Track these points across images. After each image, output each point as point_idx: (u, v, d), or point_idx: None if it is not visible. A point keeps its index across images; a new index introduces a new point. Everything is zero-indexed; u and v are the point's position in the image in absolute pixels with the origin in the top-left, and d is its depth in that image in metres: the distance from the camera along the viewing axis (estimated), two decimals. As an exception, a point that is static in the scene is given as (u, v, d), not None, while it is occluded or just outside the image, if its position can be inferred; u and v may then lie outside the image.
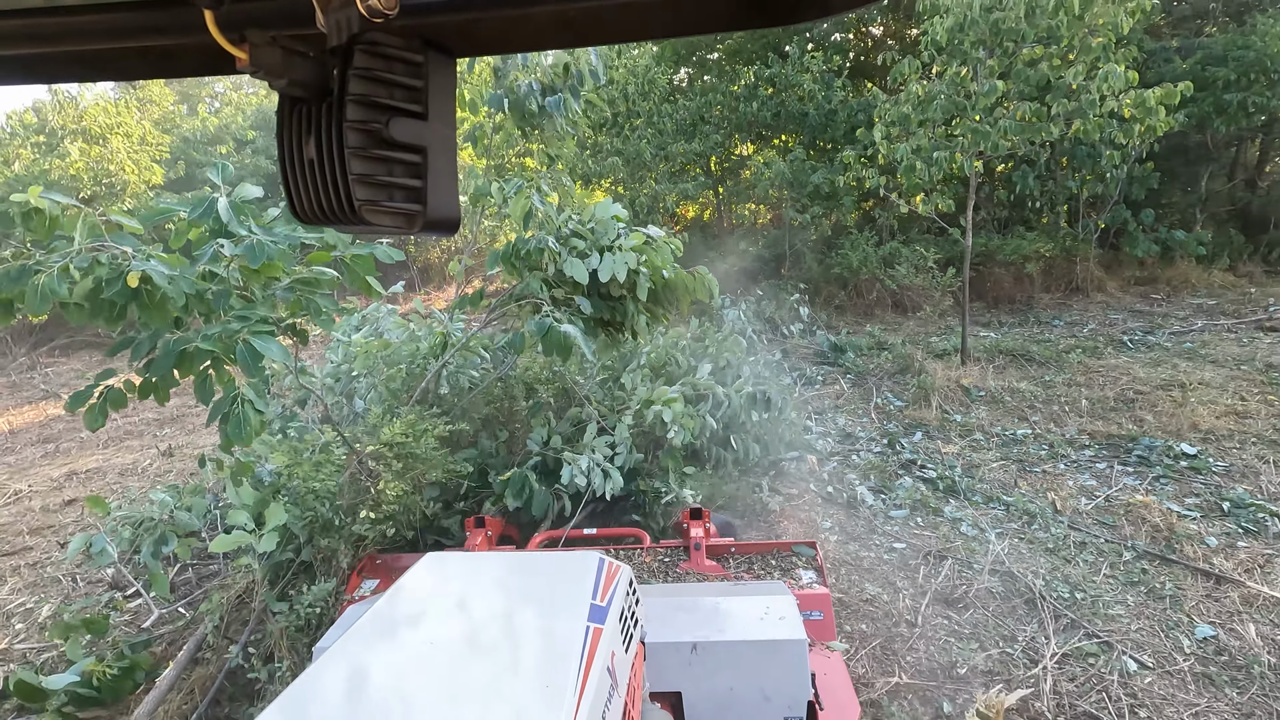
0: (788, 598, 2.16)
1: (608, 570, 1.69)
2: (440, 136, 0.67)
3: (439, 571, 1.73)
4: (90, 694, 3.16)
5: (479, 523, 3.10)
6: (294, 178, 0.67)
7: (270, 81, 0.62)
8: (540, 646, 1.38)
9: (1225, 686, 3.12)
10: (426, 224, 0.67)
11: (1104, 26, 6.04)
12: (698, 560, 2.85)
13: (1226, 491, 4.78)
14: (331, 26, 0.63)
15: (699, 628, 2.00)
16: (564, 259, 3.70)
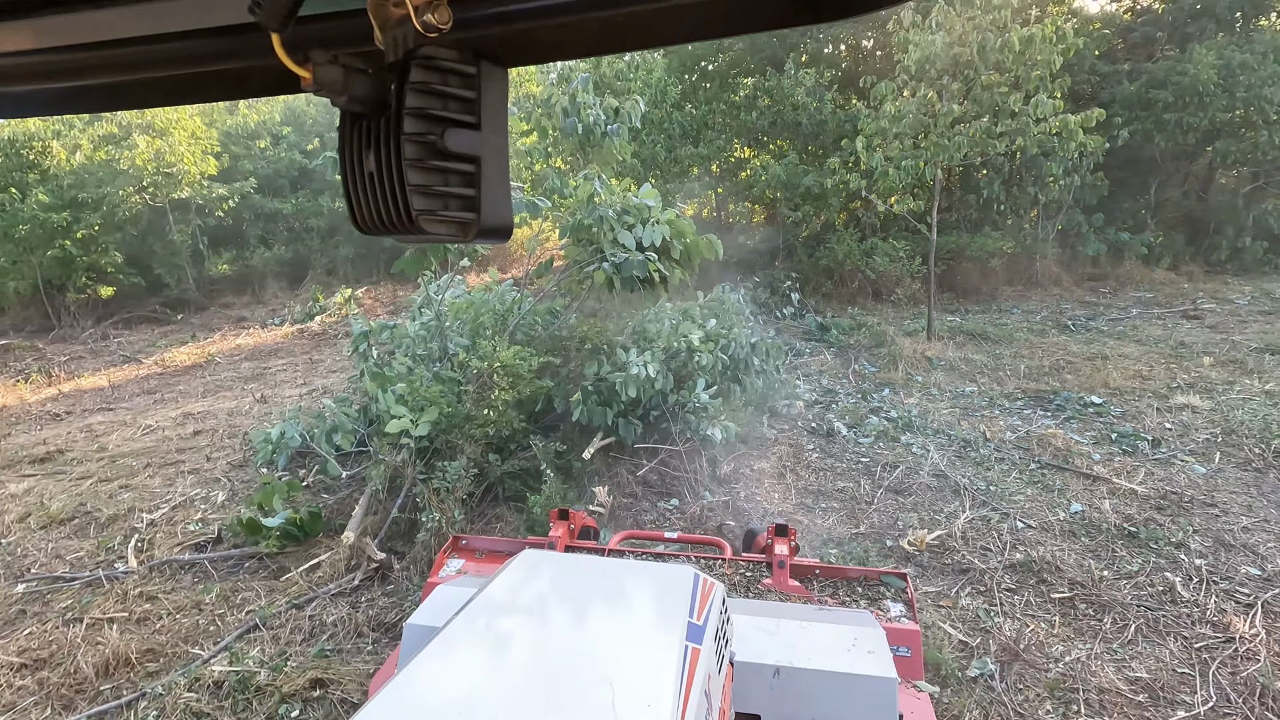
0: (877, 630, 2.04)
1: (703, 587, 1.64)
2: (493, 146, 0.69)
3: (535, 571, 1.71)
4: (291, 532, 4.51)
5: (562, 514, 3.03)
6: (355, 190, 0.68)
7: (332, 99, 0.64)
8: (639, 664, 1.34)
9: (1081, 536, 4.54)
10: (480, 232, 0.69)
11: (1041, 62, 7.48)
12: (781, 579, 2.69)
13: (1117, 427, 6.22)
14: (389, 43, 0.65)
15: (783, 651, 1.90)
16: (617, 229, 5.09)
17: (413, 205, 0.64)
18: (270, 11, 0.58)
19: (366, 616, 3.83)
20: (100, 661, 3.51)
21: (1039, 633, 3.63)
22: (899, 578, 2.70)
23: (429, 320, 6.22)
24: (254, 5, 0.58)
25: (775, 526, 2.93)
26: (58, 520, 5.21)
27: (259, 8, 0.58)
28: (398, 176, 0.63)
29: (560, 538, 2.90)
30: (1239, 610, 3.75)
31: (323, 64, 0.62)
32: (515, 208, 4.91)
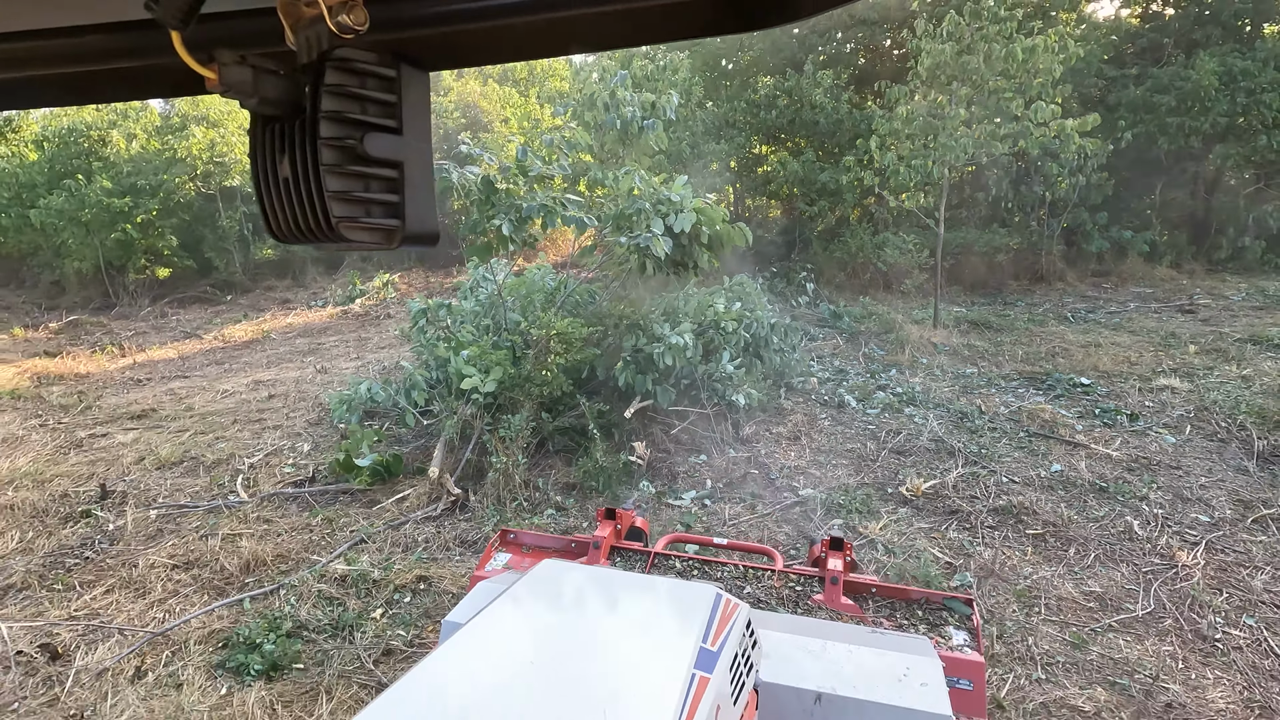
0: (933, 660, 1.90)
1: (724, 609, 1.59)
2: (416, 150, 0.67)
3: (552, 584, 1.70)
4: (379, 471, 5.29)
5: (609, 514, 2.94)
6: (269, 197, 0.66)
7: (241, 100, 0.62)
8: (640, 690, 1.31)
9: (1058, 490, 5.24)
10: (405, 238, 0.67)
11: (1043, 70, 8.12)
12: (833, 596, 2.53)
13: (1102, 404, 6.90)
14: (301, 44, 0.63)
15: (826, 676, 1.80)
16: (652, 218, 5.82)
17: (332, 212, 0.62)
18: (169, 8, 0.56)
19: (451, 535, 4.61)
20: (240, 563, 4.31)
21: (1012, 558, 4.34)
22: (965, 603, 2.48)
23: (486, 297, 6.98)
24: (151, 1, 0.56)
25: (830, 539, 2.76)
26: (169, 463, 6.03)
27: (156, 4, 0.56)
28: (315, 182, 0.62)
29: (606, 538, 2.79)
30: (1184, 546, 4.45)
31: (229, 64, 0.60)
32: (567, 219, 5.65)
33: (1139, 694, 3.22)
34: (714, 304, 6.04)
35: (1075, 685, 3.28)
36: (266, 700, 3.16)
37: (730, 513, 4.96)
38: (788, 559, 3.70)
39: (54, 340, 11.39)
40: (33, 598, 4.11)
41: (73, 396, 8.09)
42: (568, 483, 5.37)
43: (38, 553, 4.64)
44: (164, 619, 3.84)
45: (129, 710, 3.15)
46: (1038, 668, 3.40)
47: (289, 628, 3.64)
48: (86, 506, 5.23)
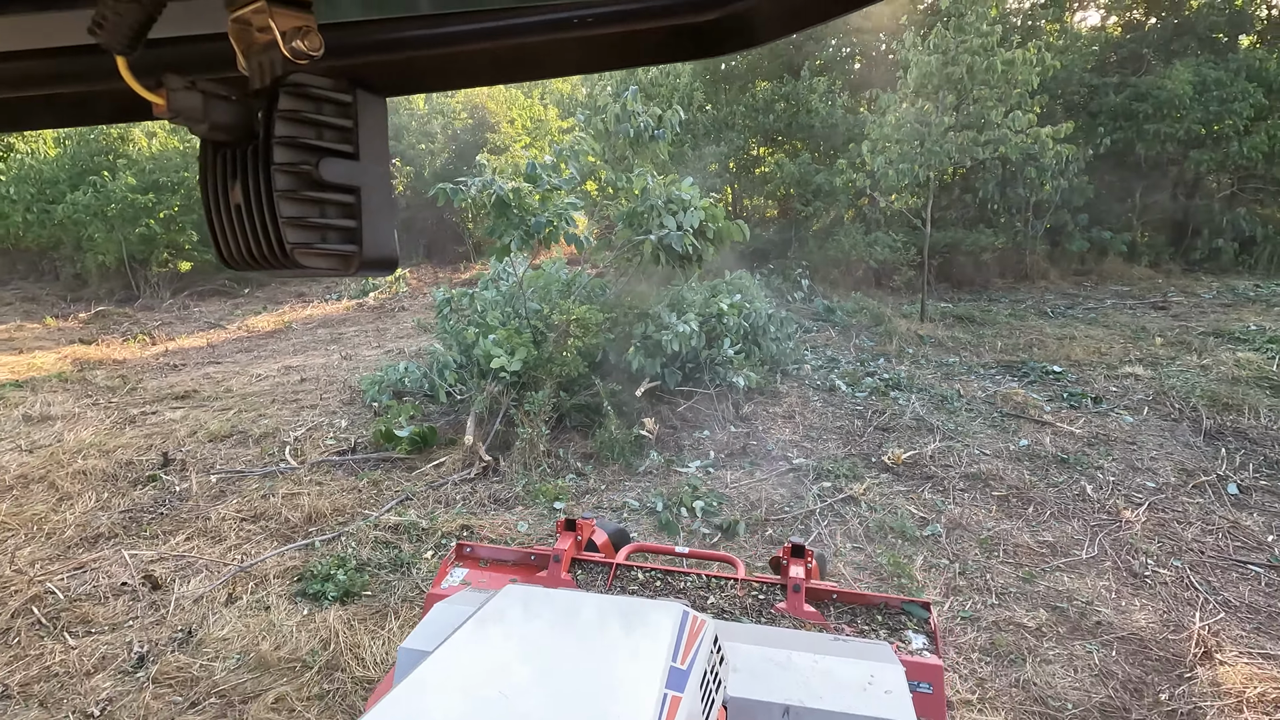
0: (895, 667, 1.96)
1: (691, 626, 1.62)
2: (374, 175, 0.66)
3: (516, 609, 1.70)
4: (416, 441, 5.89)
5: (569, 525, 2.93)
6: (220, 224, 0.65)
7: (190, 127, 0.61)
8: (612, 715, 1.30)
9: (1024, 460, 5.86)
10: (363, 264, 0.67)
11: (1021, 80, 8.76)
12: (795, 604, 2.57)
13: (1070, 389, 7.53)
14: (254, 69, 0.62)
15: (793, 689, 1.83)
16: (663, 215, 6.43)
17: (287, 238, 0.61)
18: (113, 34, 0.54)
19: (486, 494, 5.21)
20: (302, 516, 4.91)
21: (978, 515, 4.97)
22: (922, 607, 2.57)
23: (506, 288, 7.58)
24: (94, 26, 0.54)
25: (791, 546, 2.77)
26: (219, 436, 6.62)
27: (100, 29, 0.54)
28: (268, 209, 0.61)
29: (567, 550, 2.77)
30: (1129, 505, 5.08)
31: (178, 90, 0.59)
32: (569, 237, 6.24)
33: (1074, 615, 3.85)
34: (717, 298, 6.65)
35: (1022, 609, 3.91)
36: (343, 618, 3.77)
37: (731, 478, 5.58)
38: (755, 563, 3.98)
39: (85, 329, 11.95)
40: (122, 543, 4.70)
41: (116, 379, 8.66)
42: (585, 452, 5.97)
43: (115, 510, 5.23)
44: (243, 559, 4.44)
45: (228, 626, 3.75)
46: (992, 596, 4.03)
47: (354, 564, 4.24)
48: (152, 472, 5.81)
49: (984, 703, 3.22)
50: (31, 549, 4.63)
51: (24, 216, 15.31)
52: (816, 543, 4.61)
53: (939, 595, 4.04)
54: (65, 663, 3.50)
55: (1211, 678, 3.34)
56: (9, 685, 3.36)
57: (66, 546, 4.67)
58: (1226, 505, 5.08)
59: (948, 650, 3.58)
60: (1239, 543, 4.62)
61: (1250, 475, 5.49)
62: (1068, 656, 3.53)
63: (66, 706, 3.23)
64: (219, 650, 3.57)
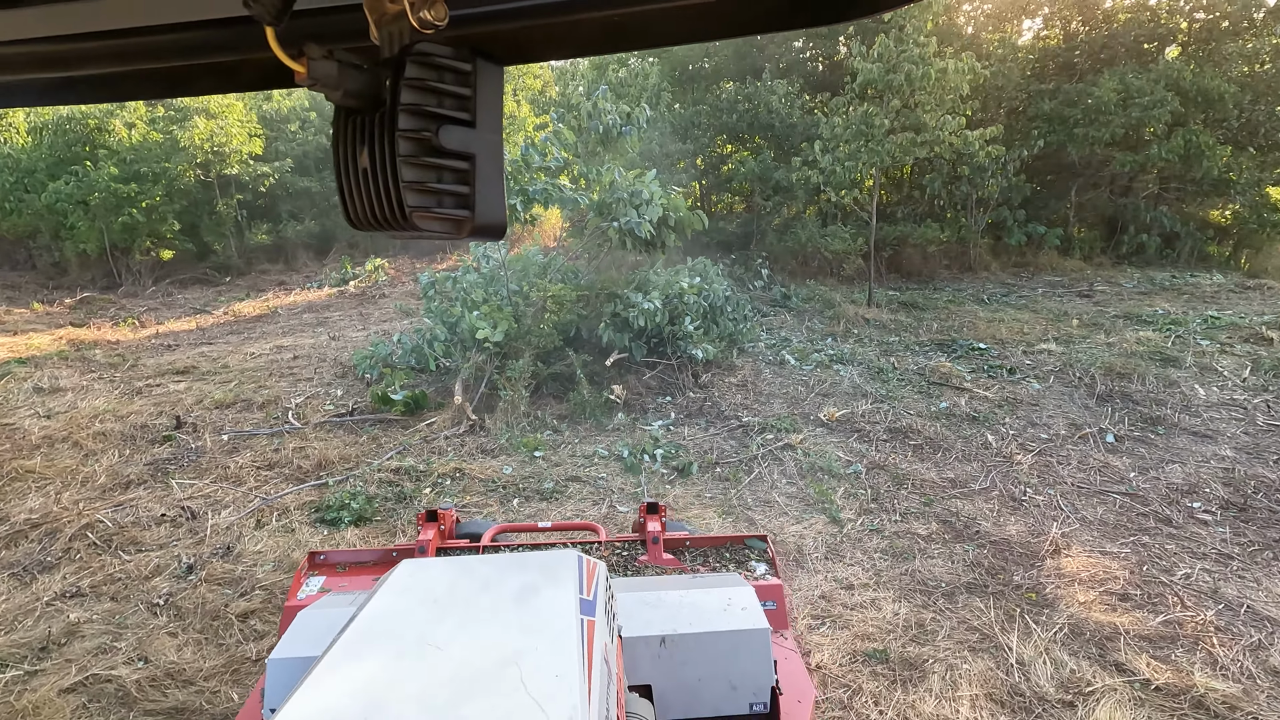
0: (747, 589, 2.21)
1: (587, 566, 1.73)
2: (488, 144, 0.68)
3: (420, 576, 1.70)
4: (409, 404, 6.61)
5: (431, 516, 2.99)
6: (349, 186, 0.68)
7: (327, 94, 0.64)
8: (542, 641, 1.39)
9: (941, 419, 6.79)
10: (475, 229, 0.69)
11: (953, 87, 9.73)
12: (655, 554, 2.84)
13: (991, 362, 8.52)
14: (384, 39, 0.65)
15: (666, 621, 2.05)
16: (626, 208, 7.23)
17: (406, 202, 0.64)
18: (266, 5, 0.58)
19: (474, 446, 5.97)
20: (311, 463, 5.61)
21: (895, 458, 5.87)
22: (760, 539, 2.97)
23: (488, 270, 8.30)
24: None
25: (646, 505, 3.02)
26: (224, 404, 7.24)
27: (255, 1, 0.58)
28: (392, 173, 0.63)
29: (431, 541, 2.85)
30: (1022, 451, 6.03)
31: (317, 59, 0.62)
32: (564, 201, 7.01)
33: (960, 527, 4.75)
34: (679, 279, 7.47)
35: (919, 524, 4.80)
36: (360, 535, 4.50)
37: (688, 433, 6.40)
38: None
39: (73, 314, 12.33)
40: (152, 487, 5.36)
41: (115, 357, 9.17)
42: (561, 414, 6.75)
43: (139, 463, 5.86)
44: (266, 495, 5.13)
45: (261, 543, 4.46)
46: (896, 515, 4.92)
47: (365, 498, 4.96)
48: (167, 433, 6.44)
49: (879, 585, 4.09)
50: (71, 492, 5.25)
51: (1, 205, 15.51)
52: (757, 480, 5.46)
53: (853, 515, 4.92)
54: (125, 570, 4.18)
55: (1056, 567, 4.26)
56: (80, 587, 4.03)
57: (103, 490, 5.31)
58: (1102, 451, 6.05)
59: (857, 555, 4.45)
60: (1105, 479, 5.58)
61: (1127, 428, 6.48)
62: (948, 554, 4.42)
63: (134, 600, 3.92)
64: (256, 559, 4.28)
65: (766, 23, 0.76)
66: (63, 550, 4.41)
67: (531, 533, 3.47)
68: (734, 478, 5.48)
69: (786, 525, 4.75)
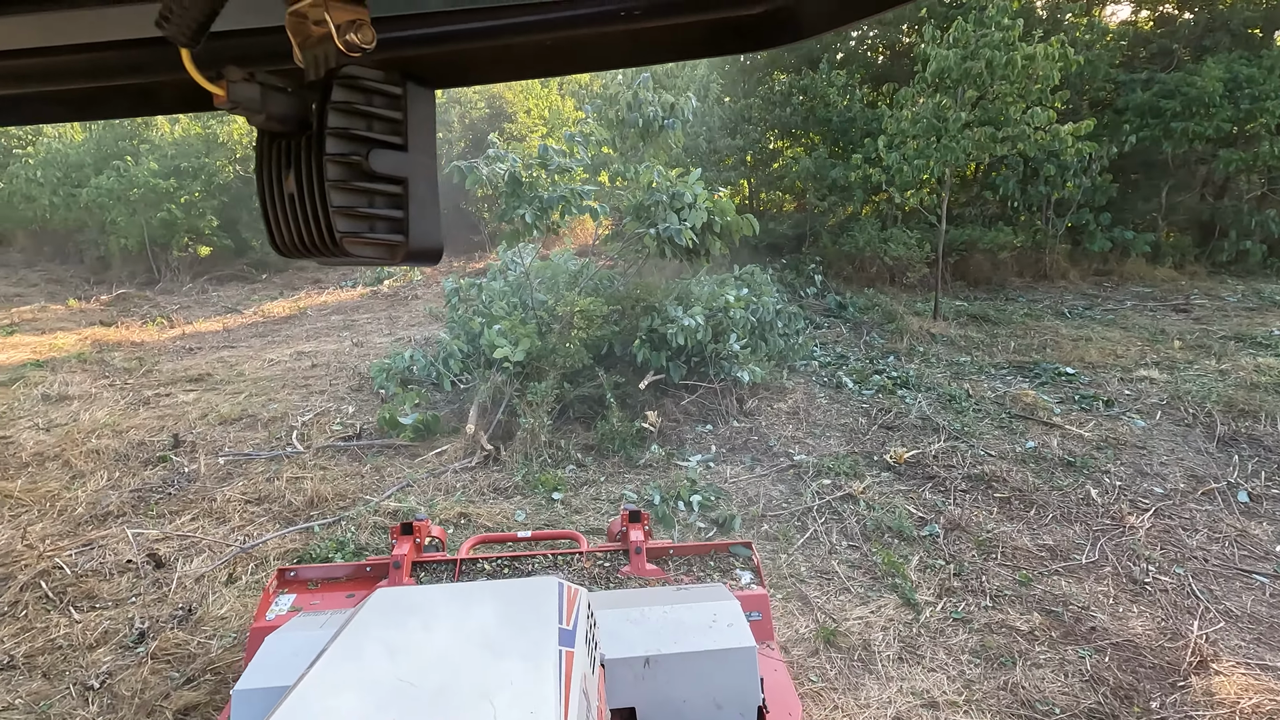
0: (732, 603, 2.17)
1: (568, 594, 1.68)
2: (421, 167, 0.68)
3: (394, 608, 1.68)
4: (419, 428, 5.95)
5: (406, 529, 2.88)
6: (274, 212, 0.67)
7: (249, 118, 0.63)
8: (518, 674, 1.36)
9: (1029, 463, 5.79)
10: (409, 254, 0.68)
11: (1041, 76, 8.59)
12: (638, 565, 2.75)
13: (1082, 391, 7.42)
14: (309, 61, 0.64)
15: (650, 640, 1.98)
16: (666, 212, 6.41)
17: (336, 227, 0.63)
18: (180, 26, 0.57)
19: (486, 483, 5.26)
20: (304, 500, 4.99)
21: (978, 516, 4.92)
22: (745, 546, 2.89)
23: (514, 278, 7.61)
24: (162, 19, 0.57)
25: (629, 513, 2.93)
26: (229, 419, 6.73)
27: (167, 22, 0.57)
28: (320, 198, 0.62)
29: (406, 555, 2.74)
30: (1135, 510, 5.01)
31: (238, 81, 0.61)
32: (582, 209, 6.25)
33: (1069, 620, 3.81)
34: (724, 291, 6.63)
35: (1016, 611, 3.88)
36: (339, 601, 3.82)
37: (730, 473, 5.57)
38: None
39: (105, 311, 12.19)
40: (129, 522, 4.82)
41: (133, 361, 8.83)
42: (586, 444, 6.00)
43: (126, 489, 5.35)
44: (245, 540, 4.52)
45: (227, 605, 3.83)
46: (986, 598, 4.00)
47: (352, 549, 4.30)
48: (163, 453, 5.93)
49: (970, 704, 3.21)
50: (43, 525, 4.75)
51: (50, 199, 15.62)
52: (812, 540, 4.61)
53: (932, 596, 4.01)
54: (69, 635, 3.60)
55: (1205, 687, 3.29)
56: (14, 656, 3.46)
57: (77, 523, 4.79)
58: (1235, 513, 4.98)
59: (939, 656, 3.56)
60: (1245, 551, 4.53)
61: (1262, 483, 5.38)
62: (1059, 661, 3.49)
63: (68, 678, 3.32)
64: (216, 628, 3.65)
65: (699, 49, 0.76)
66: (9, 603, 3.87)
67: (511, 543, 3.29)
68: (784, 536, 4.63)
69: (849, 607, 3.89)
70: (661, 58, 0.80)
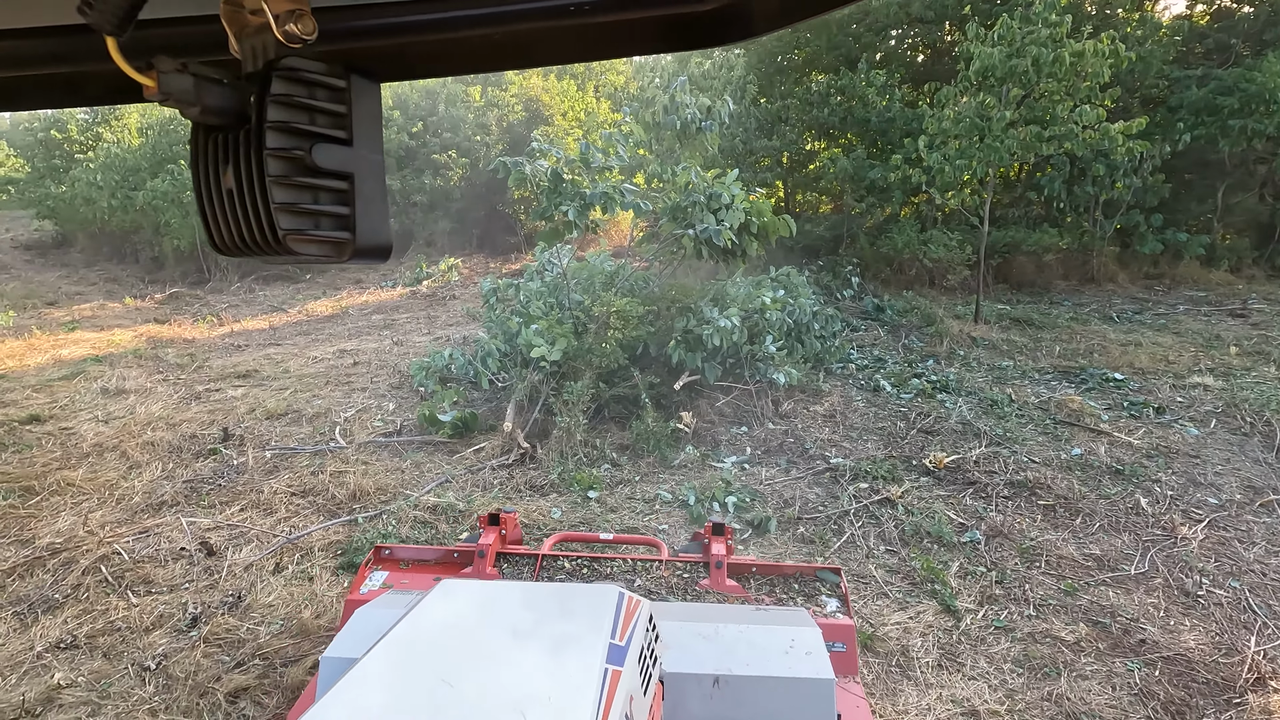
0: (813, 630, 2.07)
1: (627, 606, 1.64)
2: (368, 162, 0.66)
3: (453, 602, 1.69)
4: (458, 426, 6.06)
5: (493, 519, 2.93)
6: (212, 209, 0.64)
7: (181, 110, 0.60)
8: (558, 689, 1.34)
9: (1075, 470, 5.64)
10: (356, 251, 0.66)
11: (1091, 74, 8.36)
12: (718, 579, 2.68)
13: (1131, 398, 7.19)
14: (246, 53, 0.62)
15: (721, 659, 1.91)
16: (703, 213, 6.41)
17: (279, 224, 0.61)
18: (104, 13, 0.54)
19: (522, 480, 5.33)
20: (347, 493, 5.12)
21: (1021, 523, 4.81)
22: (833, 573, 2.75)
23: (551, 279, 7.68)
24: (84, 5, 0.53)
25: (712, 525, 2.86)
26: (275, 414, 6.94)
27: (90, 8, 0.54)
28: (260, 194, 0.60)
29: (492, 545, 2.79)
30: (1188, 521, 4.84)
31: (169, 72, 0.58)
32: (625, 205, 6.27)
33: (1117, 631, 3.70)
34: (760, 293, 6.60)
35: (1061, 621, 3.78)
36: (381, 592, 3.92)
37: (766, 475, 5.54)
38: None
39: (159, 309, 12.67)
40: (183, 511, 5.00)
41: (185, 357, 9.16)
42: (621, 444, 6.03)
43: (179, 479, 5.55)
44: (291, 531, 4.66)
45: (274, 593, 3.95)
46: (1030, 607, 3.90)
47: (395, 542, 4.39)
48: (214, 446, 6.14)
49: (1013, 714, 3.14)
50: (103, 512, 4.96)
51: (109, 202, 16.30)
52: (849, 544, 4.56)
53: (973, 603, 3.94)
54: (128, 618, 3.76)
55: (1263, 705, 3.17)
56: (77, 636, 3.63)
57: (134, 511, 4.99)
58: (1296, 526, 4.78)
59: (980, 664, 3.50)
60: (1307, 566, 4.34)
61: (1326, 496, 5.15)
62: (1106, 673, 3.40)
63: (126, 659, 3.47)
64: (265, 615, 3.77)
65: (647, 45, 0.75)
66: (73, 586, 4.05)
67: (591, 544, 3.29)
68: (820, 539, 4.59)
69: (887, 612, 3.84)
70: (612, 53, 0.79)
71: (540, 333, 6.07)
